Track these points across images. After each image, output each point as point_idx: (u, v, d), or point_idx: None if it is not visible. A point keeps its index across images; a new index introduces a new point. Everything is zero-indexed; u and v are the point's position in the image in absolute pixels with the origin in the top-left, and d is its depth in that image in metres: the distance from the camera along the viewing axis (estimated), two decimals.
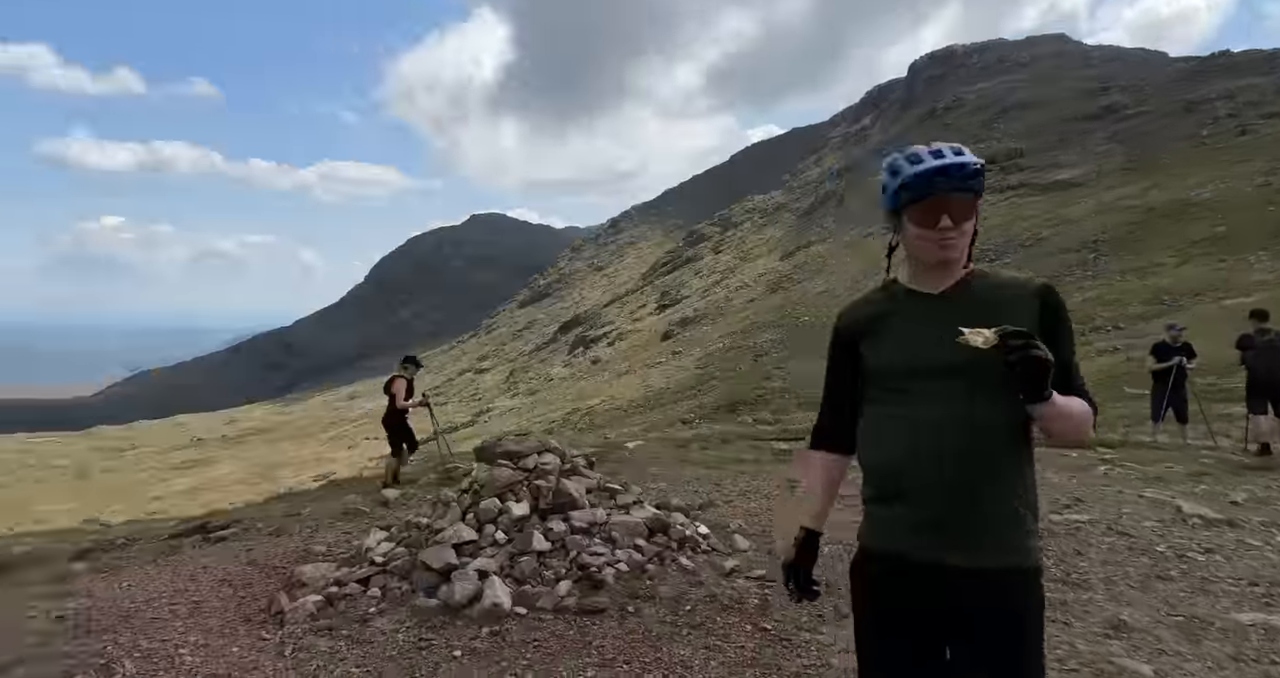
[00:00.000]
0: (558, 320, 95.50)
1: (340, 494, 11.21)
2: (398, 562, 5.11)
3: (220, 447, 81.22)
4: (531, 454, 6.04)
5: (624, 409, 40.42)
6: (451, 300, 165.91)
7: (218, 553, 7.15)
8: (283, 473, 64.87)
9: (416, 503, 8.76)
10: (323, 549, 6.48)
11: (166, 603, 4.89)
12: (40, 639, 4.04)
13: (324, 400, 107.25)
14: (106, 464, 76.41)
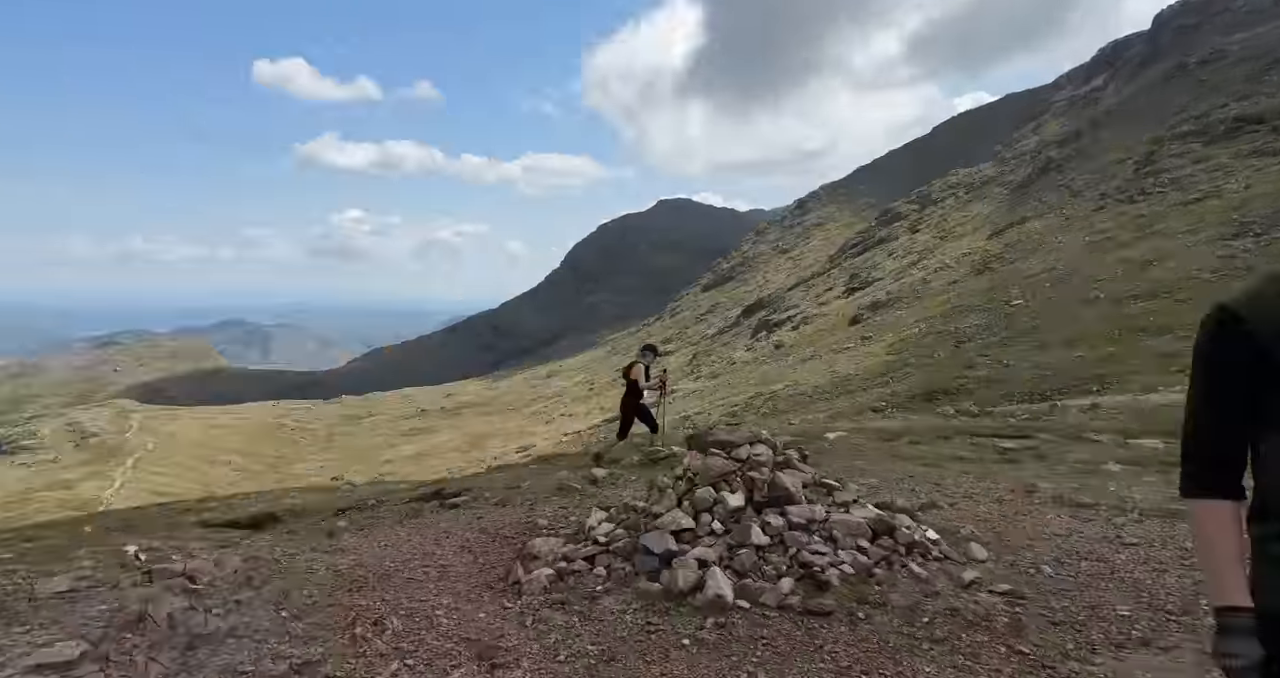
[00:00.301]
0: (740, 304, 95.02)
1: (551, 470, 11.91)
2: (619, 543, 5.25)
3: (439, 417, 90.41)
4: (744, 444, 5.95)
5: (808, 395, 39.35)
6: (637, 284, 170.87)
7: (453, 519, 7.85)
8: (491, 443, 70.89)
9: (623, 483, 9.06)
10: (545, 523, 6.87)
11: (419, 565, 5.39)
12: (325, 590, 4.60)
13: (525, 378, 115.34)
14: (348, 429, 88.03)
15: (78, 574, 3.89)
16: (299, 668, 3.36)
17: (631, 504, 5.87)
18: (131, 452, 69.85)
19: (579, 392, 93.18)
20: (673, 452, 10.32)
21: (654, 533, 5.11)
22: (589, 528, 5.67)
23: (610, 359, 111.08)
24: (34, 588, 3.64)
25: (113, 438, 74.85)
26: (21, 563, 4.60)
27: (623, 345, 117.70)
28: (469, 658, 3.73)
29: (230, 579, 4.14)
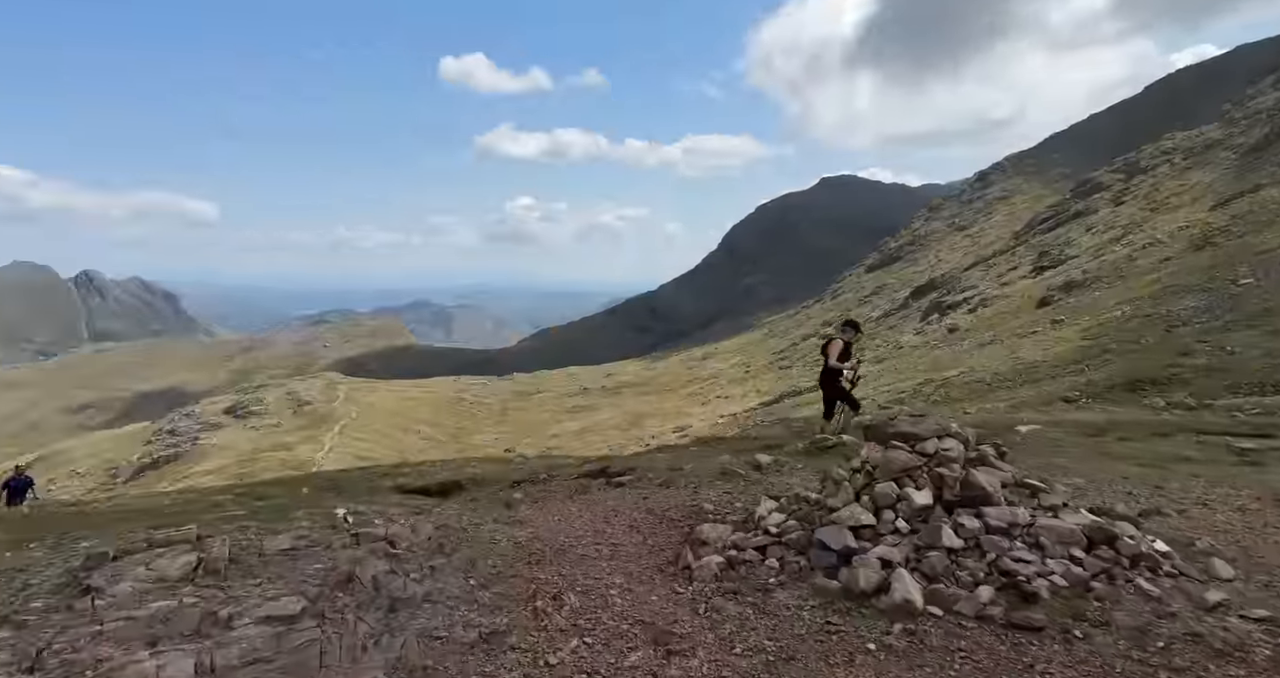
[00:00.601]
0: (910, 285, 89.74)
1: (713, 453, 11.84)
2: (792, 535, 5.04)
3: (600, 396, 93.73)
4: (931, 438, 5.49)
5: (986, 383, 36.46)
6: (797, 266, 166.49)
7: (619, 498, 7.99)
8: (649, 422, 72.46)
9: (788, 471, 8.78)
10: (710, 508, 6.78)
11: (591, 542, 5.49)
12: (507, 561, 4.78)
13: (681, 360, 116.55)
14: (519, 404, 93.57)
15: (297, 533, 4.32)
16: (486, 637, 3.49)
17: (803, 495, 5.63)
18: (338, 419, 78.52)
19: (735, 374, 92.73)
20: (842, 441, 9.86)
21: (831, 528, 4.84)
22: (758, 517, 5.50)
23: (767, 342, 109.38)
24: (262, 545, 4.07)
25: (323, 406, 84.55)
26: (253, 520, 5.22)
27: (780, 328, 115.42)
28: (645, 642, 3.71)
29: (425, 545, 4.41)
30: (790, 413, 49.27)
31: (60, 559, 4.28)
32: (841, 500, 5.20)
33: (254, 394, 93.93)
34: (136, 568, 3.57)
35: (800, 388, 66.91)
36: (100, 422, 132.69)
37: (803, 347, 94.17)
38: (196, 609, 3.11)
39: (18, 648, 2.67)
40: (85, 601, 3.23)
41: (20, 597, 3.52)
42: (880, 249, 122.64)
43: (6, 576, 3.94)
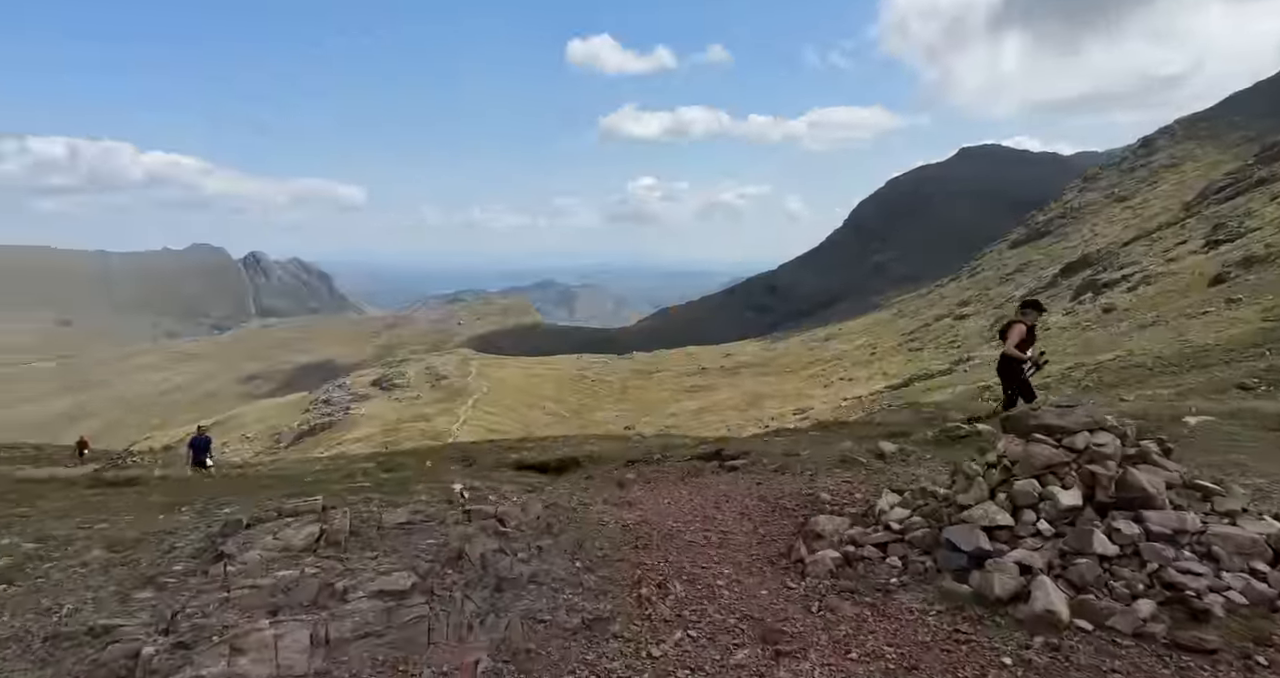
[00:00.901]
0: (1059, 262, 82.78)
1: (833, 439, 11.38)
2: (917, 533, 4.68)
3: (719, 376, 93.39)
4: (1080, 431, 4.92)
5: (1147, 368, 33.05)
6: (930, 242, 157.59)
7: (732, 482, 7.81)
8: (768, 403, 71.44)
9: (914, 461, 8.26)
10: (828, 498, 6.47)
11: (700, 528, 5.36)
12: (613, 544, 4.74)
13: (802, 340, 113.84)
14: (638, 383, 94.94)
15: (414, 508, 4.47)
16: (590, 623, 3.45)
17: (930, 489, 5.22)
18: (471, 393, 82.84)
19: (860, 356, 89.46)
20: (976, 430, 9.16)
21: (961, 527, 4.45)
22: (879, 511, 5.15)
23: (895, 323, 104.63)
24: (381, 518, 4.24)
25: (458, 381, 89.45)
26: (378, 493, 5.49)
27: (910, 308, 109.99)
28: (752, 639, 3.54)
29: (534, 525, 4.44)
30: (920, 398, 46.94)
31: (204, 524, 4.68)
32: (974, 498, 4.77)
33: (397, 368, 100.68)
34: (265, 537, 3.83)
35: (932, 371, 63.61)
36: (266, 391, 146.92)
37: (935, 328, 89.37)
38: (315, 580, 3.27)
39: (157, 609, 2.91)
40: (219, 566, 3.50)
41: (165, 559, 3.86)
42: (1026, 223, 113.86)
43: (157, 537, 4.35)
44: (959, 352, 71.18)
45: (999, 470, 4.97)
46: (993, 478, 4.92)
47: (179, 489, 7.18)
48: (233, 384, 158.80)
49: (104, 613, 2.99)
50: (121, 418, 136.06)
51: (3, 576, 3.60)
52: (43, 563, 3.86)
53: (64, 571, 3.72)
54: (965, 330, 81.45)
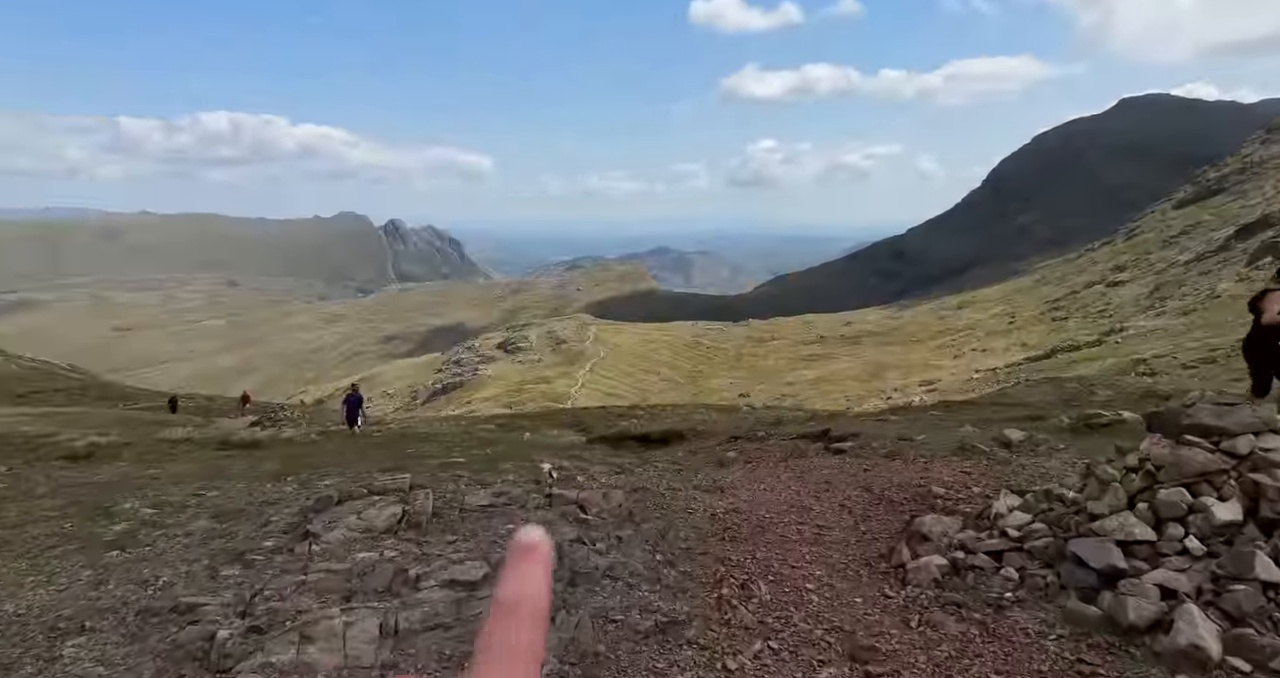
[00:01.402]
0: (1234, 223, 73.50)
1: (954, 421, 10.61)
2: (1037, 542, 4.19)
3: (838, 344, 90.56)
4: (1244, 434, 4.22)
5: None
6: (1080, 202, 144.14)
7: (836, 468, 7.40)
8: (890, 374, 68.59)
9: (1044, 452, 7.51)
10: (941, 492, 5.98)
11: (794, 521, 5.08)
12: (699, 535, 4.56)
13: (931, 308, 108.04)
14: (754, 351, 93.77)
15: (498, 490, 4.48)
16: (664, 626, 3.30)
17: (1056, 492, 4.67)
18: (589, 358, 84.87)
19: (996, 325, 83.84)
20: (1120, 417, 8.20)
21: (1090, 540, 3.94)
22: (995, 514, 4.67)
23: (1038, 290, 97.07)
24: (464, 500, 4.27)
25: (576, 346, 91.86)
26: (467, 470, 5.58)
27: (1055, 274, 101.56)
28: (840, 655, 3.28)
29: (616, 512, 4.34)
30: (1062, 371, 43.43)
31: (303, 496, 4.93)
32: (1108, 505, 4.21)
33: (520, 332, 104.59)
34: (350, 517, 3.95)
35: (1078, 342, 58.73)
36: (403, 351, 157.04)
37: (1084, 295, 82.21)
38: (390, 566, 3.32)
39: (240, 589, 3.05)
40: (304, 545, 3.64)
41: (260, 533, 4.08)
42: (1195, 180, 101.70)
43: (258, 508, 4.63)
44: (1110, 322, 65.24)
45: (1140, 476, 4.36)
46: (1132, 484, 4.32)
47: (293, 456, 7.66)
48: (374, 344, 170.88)
49: (193, 589, 3.18)
50: (280, 373, 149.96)
51: (118, 542, 3.94)
52: (154, 530, 4.19)
53: (170, 540, 4.02)
54: (1119, 298, 74.44)
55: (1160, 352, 46.31)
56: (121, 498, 4.90)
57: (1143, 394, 13.80)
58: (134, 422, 18.69)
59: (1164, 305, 63.96)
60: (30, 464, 6.98)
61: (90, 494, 5.08)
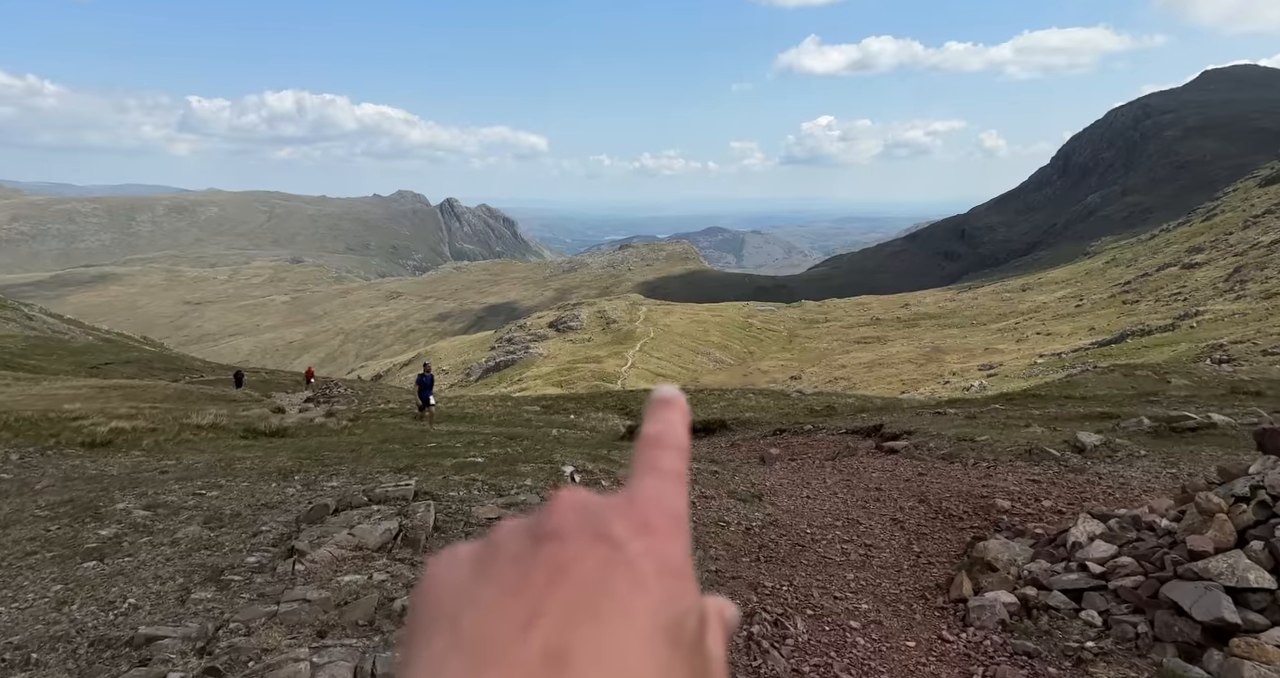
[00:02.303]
0: None
1: (1019, 413, 9.85)
2: (1125, 581, 3.60)
3: (893, 327, 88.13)
4: None
5: None
6: (1155, 181, 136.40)
7: (889, 471, 6.83)
8: (949, 359, 66.39)
9: (1124, 459, 6.78)
10: (1006, 505, 5.38)
11: (839, 537, 4.57)
12: (732, 553, 4.10)
13: (993, 290, 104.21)
14: (806, 332, 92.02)
15: (509, 500, 4.10)
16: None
17: (1146, 520, 4.04)
18: (639, 338, 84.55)
19: (1063, 308, 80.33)
20: (1210, 421, 7.37)
21: (1192, 584, 3.34)
22: (1072, 543, 4.07)
23: (1108, 272, 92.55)
24: (471, 511, 3.90)
25: (626, 325, 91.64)
26: (483, 472, 5.24)
27: (1127, 255, 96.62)
28: None
29: None
30: (1132, 357, 41.21)
31: (304, 500, 4.66)
32: (1213, 541, 3.59)
33: (571, 311, 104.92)
34: (343, 531, 3.63)
35: (1149, 326, 55.79)
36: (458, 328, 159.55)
37: (1157, 278, 78.02)
38: (375, 594, 2.97)
39: (205, 620, 2.74)
40: (287, 564, 3.33)
41: (247, 545, 3.80)
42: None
43: (253, 513, 4.37)
44: (1185, 305, 61.79)
45: (1254, 507, 3.71)
46: (1243, 517, 3.68)
47: (308, 449, 7.46)
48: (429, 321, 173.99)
49: (157, 616, 2.90)
50: (341, 348, 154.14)
51: (99, 550, 3.72)
52: (140, 537, 3.97)
53: (154, 548, 3.78)
54: (1195, 281, 70.41)
55: (1239, 337, 43.53)
56: (119, 496, 4.72)
57: (1228, 389, 12.70)
58: (191, 396, 19.13)
59: (1244, 288, 60.25)
60: (44, 452, 6.96)
61: (89, 491, 4.93)
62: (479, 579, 0.26)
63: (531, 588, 0.24)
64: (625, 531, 0.26)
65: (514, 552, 0.26)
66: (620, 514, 0.27)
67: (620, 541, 0.26)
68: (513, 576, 0.25)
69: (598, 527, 0.27)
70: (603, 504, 0.27)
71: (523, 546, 0.27)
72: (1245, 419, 7.96)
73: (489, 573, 0.26)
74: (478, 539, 0.28)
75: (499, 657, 0.22)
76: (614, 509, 0.27)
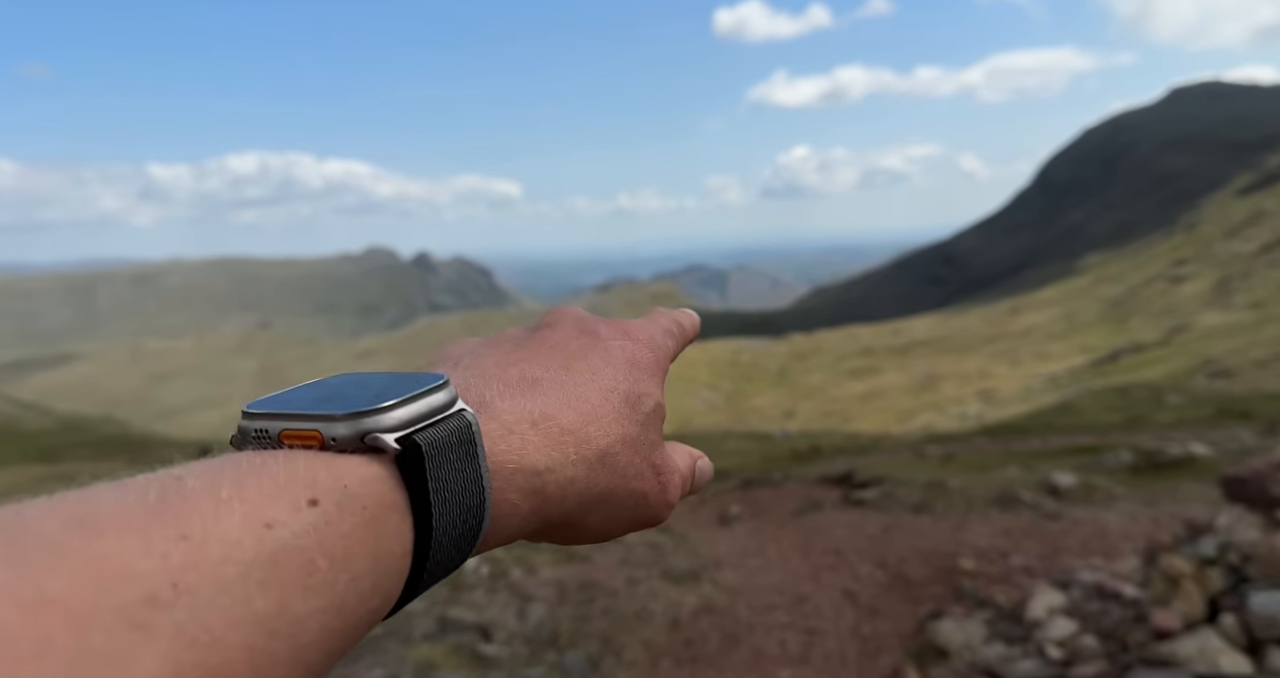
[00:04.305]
0: None
1: (999, 449, 9.46)
2: (1085, 669, 3.15)
3: (885, 356, 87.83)
4: None
5: None
6: (1135, 196, 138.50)
7: (853, 526, 6.37)
8: (944, 386, 65.96)
9: (1100, 502, 6.35)
10: (970, 566, 4.93)
11: (782, 622, 4.10)
12: (652, 655, 3.63)
13: (983, 314, 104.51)
14: (797, 366, 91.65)
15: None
16: None
17: (1111, 588, 3.61)
18: None
19: (1054, 329, 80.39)
20: (1190, 454, 6.96)
21: (1159, 675, 2.90)
22: (1031, 620, 3.62)
23: (1095, 289, 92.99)
24: None
25: None
26: None
27: (1113, 271, 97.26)
28: None
29: (533, 637, 3.45)
30: (1128, 375, 40.90)
31: None
32: (1180, 615, 3.15)
33: None
34: None
35: (1142, 342, 55.63)
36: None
37: (1145, 293, 78.36)
38: None
39: None
40: None
41: None
42: (1257, 166, 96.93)
43: None
44: (1175, 319, 61.82)
45: (1223, 570, 3.29)
46: (1212, 583, 3.25)
47: None
48: None
49: None
50: None
51: None
52: None
53: None
54: (1182, 294, 70.72)
55: (1230, 349, 43.35)
56: None
57: (1215, 410, 12.34)
58: None
59: (1231, 299, 60.42)
60: None
61: None
62: (483, 346, 0.36)
63: (521, 351, 0.33)
64: (609, 332, 0.34)
65: (513, 335, 0.36)
66: (608, 324, 0.35)
67: (603, 335, 0.34)
68: (509, 346, 0.34)
69: (587, 325, 0.35)
70: (596, 317, 0.36)
71: (522, 333, 0.36)
72: (1228, 447, 7.57)
73: (491, 344, 0.36)
74: None
75: (485, 375, 0.31)
76: (604, 320, 0.36)
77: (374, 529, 0.24)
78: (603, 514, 0.30)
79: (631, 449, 0.30)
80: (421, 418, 0.26)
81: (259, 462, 0.24)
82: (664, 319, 0.39)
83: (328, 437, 0.26)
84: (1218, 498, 5.56)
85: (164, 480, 0.23)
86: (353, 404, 0.26)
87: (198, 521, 0.22)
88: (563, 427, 0.29)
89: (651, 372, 0.33)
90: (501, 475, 0.27)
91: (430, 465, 0.25)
